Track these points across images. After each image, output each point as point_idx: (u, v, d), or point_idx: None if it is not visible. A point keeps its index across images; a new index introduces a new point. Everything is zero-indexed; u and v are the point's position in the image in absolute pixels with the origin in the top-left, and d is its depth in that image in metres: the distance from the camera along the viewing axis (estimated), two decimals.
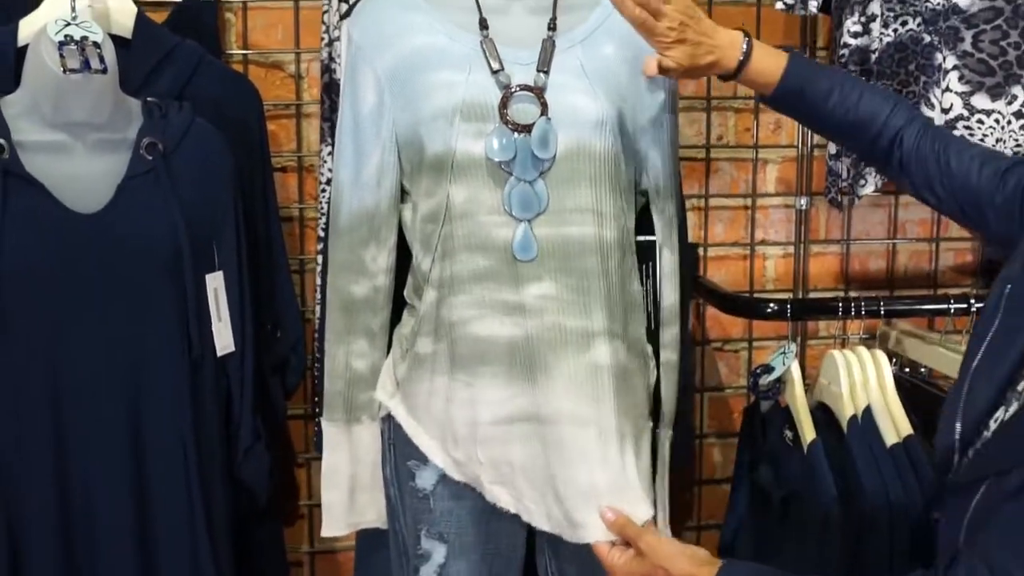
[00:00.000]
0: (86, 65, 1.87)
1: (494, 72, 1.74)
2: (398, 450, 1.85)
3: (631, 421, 1.79)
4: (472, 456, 1.77)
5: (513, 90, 1.73)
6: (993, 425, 1.39)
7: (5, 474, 1.86)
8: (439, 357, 1.78)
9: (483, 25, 1.77)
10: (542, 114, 1.73)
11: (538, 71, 1.75)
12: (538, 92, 1.73)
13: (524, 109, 1.73)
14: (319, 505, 2.49)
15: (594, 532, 1.70)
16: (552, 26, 1.78)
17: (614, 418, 1.75)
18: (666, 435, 1.92)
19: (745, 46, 1.70)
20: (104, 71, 1.89)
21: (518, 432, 1.75)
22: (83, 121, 1.90)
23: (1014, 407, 1.37)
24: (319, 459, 2.06)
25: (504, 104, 1.72)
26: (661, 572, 1.57)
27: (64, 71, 1.86)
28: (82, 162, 1.91)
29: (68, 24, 1.89)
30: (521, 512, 1.77)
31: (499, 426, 1.75)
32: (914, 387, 2.28)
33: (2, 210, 1.82)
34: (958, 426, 1.43)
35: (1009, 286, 1.44)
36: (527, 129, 1.72)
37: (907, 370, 2.35)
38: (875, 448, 2.10)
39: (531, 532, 1.86)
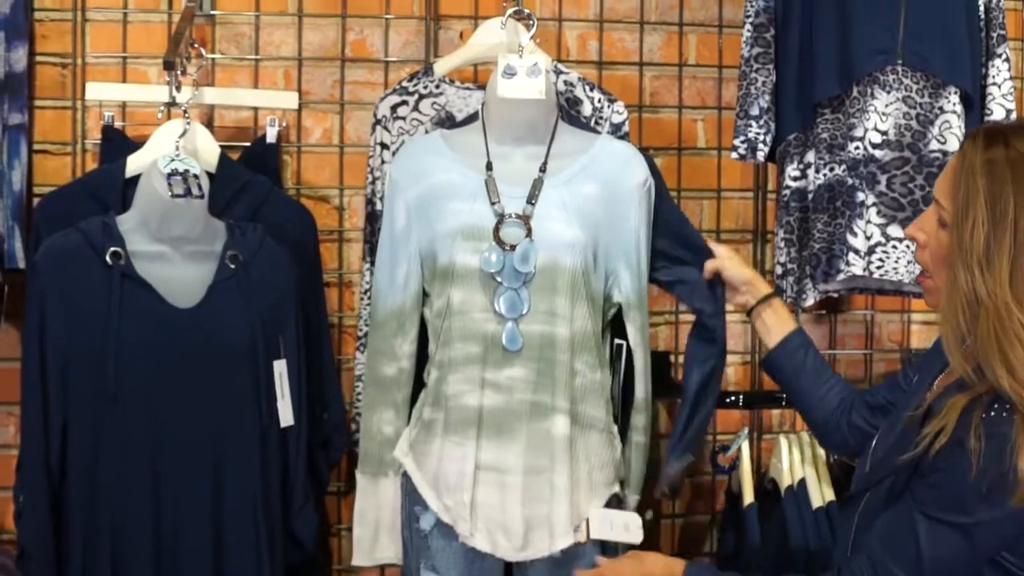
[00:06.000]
0: (188, 192, 2.27)
1: (492, 203, 2.21)
2: (410, 498, 2.27)
3: (586, 481, 2.23)
4: (457, 502, 2.20)
5: (507, 216, 2.20)
6: None
7: (112, 516, 2.23)
8: (438, 423, 2.22)
9: (489, 167, 2.25)
10: (526, 236, 2.19)
11: (527, 203, 2.22)
12: (525, 219, 2.21)
13: (513, 232, 2.20)
14: (348, 570, 2.87)
15: (536, 550, 2.19)
16: (543, 168, 2.26)
17: (564, 475, 2.19)
18: (633, 499, 2.34)
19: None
20: (201, 197, 2.29)
21: (483, 478, 2.18)
22: (181, 236, 2.29)
23: None
24: (350, 530, 2.44)
25: (497, 229, 2.19)
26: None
27: (171, 196, 2.26)
28: (179, 268, 2.30)
29: (173, 159, 2.30)
30: (474, 541, 2.19)
31: (475, 473, 2.19)
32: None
33: (119, 305, 2.22)
34: (866, 468, 1.92)
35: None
36: (514, 248, 2.18)
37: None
38: (803, 510, 2.53)
39: (508, 569, 2.27)
